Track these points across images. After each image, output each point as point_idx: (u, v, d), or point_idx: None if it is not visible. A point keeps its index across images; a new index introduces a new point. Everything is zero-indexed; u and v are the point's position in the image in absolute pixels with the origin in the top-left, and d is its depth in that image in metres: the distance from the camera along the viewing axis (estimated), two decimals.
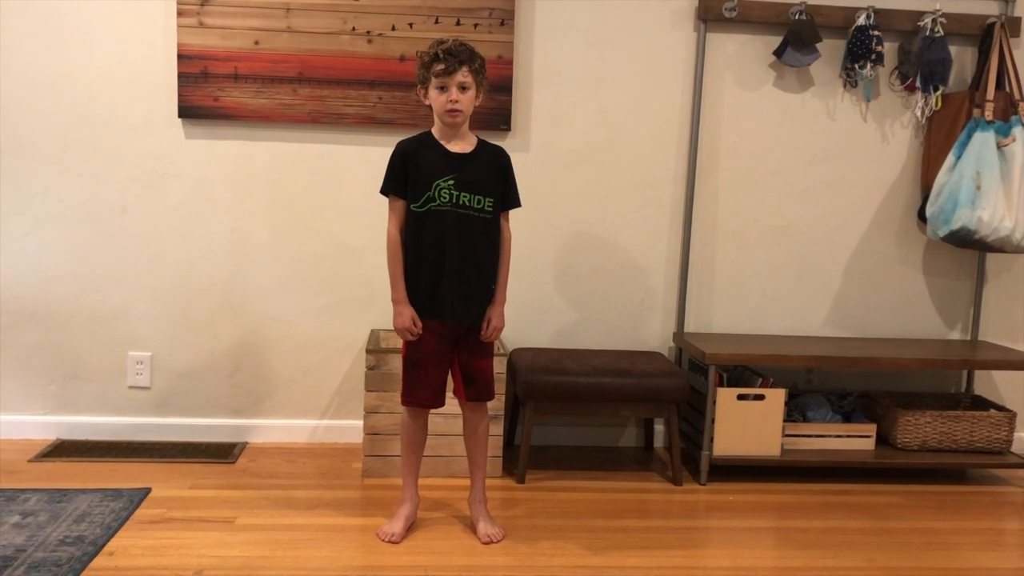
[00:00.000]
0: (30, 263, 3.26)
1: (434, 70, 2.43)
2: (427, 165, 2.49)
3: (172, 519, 2.65)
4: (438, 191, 2.48)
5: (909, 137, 3.48)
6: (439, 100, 2.45)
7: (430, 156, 2.50)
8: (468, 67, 2.44)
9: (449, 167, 2.49)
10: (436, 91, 2.45)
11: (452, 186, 2.48)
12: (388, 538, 2.56)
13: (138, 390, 3.35)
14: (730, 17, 3.28)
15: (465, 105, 2.46)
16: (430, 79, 2.45)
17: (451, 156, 2.51)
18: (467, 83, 2.45)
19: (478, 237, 2.54)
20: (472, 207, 2.51)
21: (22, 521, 2.55)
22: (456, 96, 2.43)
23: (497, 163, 2.58)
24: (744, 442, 3.13)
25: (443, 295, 2.52)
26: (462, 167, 2.51)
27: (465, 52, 2.44)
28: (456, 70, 2.42)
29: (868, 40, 3.27)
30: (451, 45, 2.44)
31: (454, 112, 2.45)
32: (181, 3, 3.15)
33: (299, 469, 3.14)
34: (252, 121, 3.24)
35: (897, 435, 3.26)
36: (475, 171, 2.52)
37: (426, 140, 2.54)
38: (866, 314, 3.55)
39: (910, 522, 2.89)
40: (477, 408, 2.65)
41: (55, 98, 3.20)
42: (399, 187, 2.52)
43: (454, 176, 2.49)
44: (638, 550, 2.58)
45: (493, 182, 2.55)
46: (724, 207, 3.46)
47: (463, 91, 2.45)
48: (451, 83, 2.43)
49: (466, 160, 2.52)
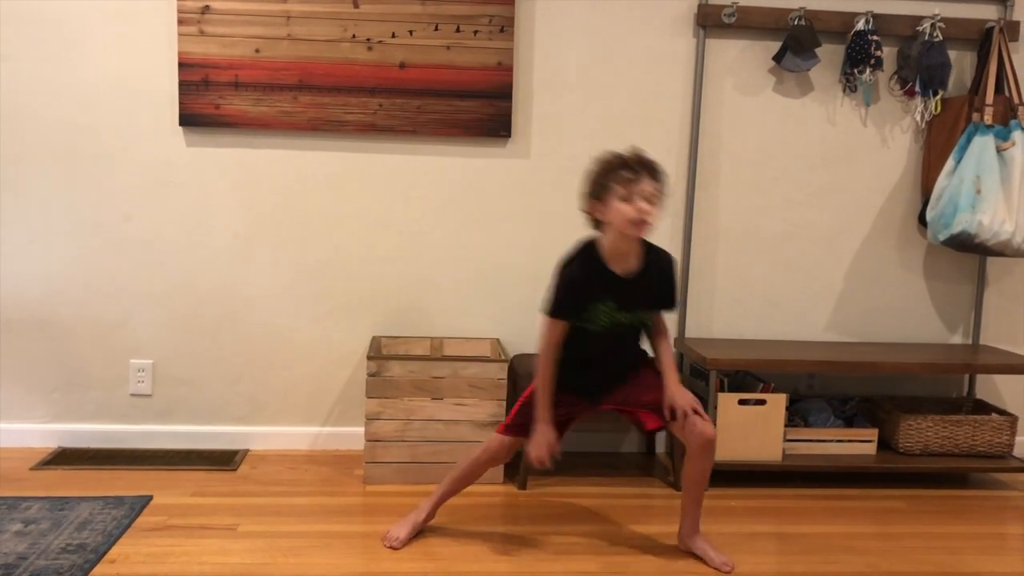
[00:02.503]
0: (33, 271, 3.27)
1: (618, 177, 2.29)
2: (593, 289, 2.39)
3: (174, 526, 2.65)
4: (596, 314, 2.40)
5: (909, 141, 3.48)
6: (624, 211, 2.28)
7: (597, 280, 2.39)
8: (654, 177, 2.31)
9: (611, 291, 2.39)
10: (619, 201, 2.29)
11: (612, 309, 2.40)
12: (391, 542, 2.56)
13: (140, 398, 3.36)
14: (729, 23, 3.29)
15: (654, 216, 2.31)
16: (612, 187, 2.29)
17: (616, 280, 2.39)
18: (653, 193, 2.30)
19: (631, 344, 2.52)
20: (629, 324, 2.45)
21: (24, 529, 2.56)
22: (646, 206, 2.28)
23: (661, 276, 2.47)
24: (745, 447, 3.13)
25: (589, 383, 2.51)
26: (625, 290, 2.40)
27: (651, 161, 2.32)
28: (645, 178, 2.29)
29: (867, 45, 3.28)
30: (637, 153, 2.32)
31: (640, 224, 2.30)
32: (182, 12, 3.16)
33: (301, 476, 3.15)
34: (253, 129, 3.25)
35: (899, 440, 3.26)
36: (638, 292, 2.42)
37: (594, 263, 2.40)
38: (867, 319, 3.55)
39: (912, 527, 2.88)
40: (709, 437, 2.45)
41: (57, 107, 3.21)
42: (566, 315, 2.41)
43: (615, 300, 2.40)
44: (640, 555, 2.58)
45: (654, 295, 2.47)
46: (725, 212, 3.46)
47: (650, 202, 2.30)
48: (637, 192, 2.28)
49: (631, 283, 2.41)
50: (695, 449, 2.48)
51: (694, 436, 2.46)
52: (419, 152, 3.34)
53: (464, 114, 3.28)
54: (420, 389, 3.06)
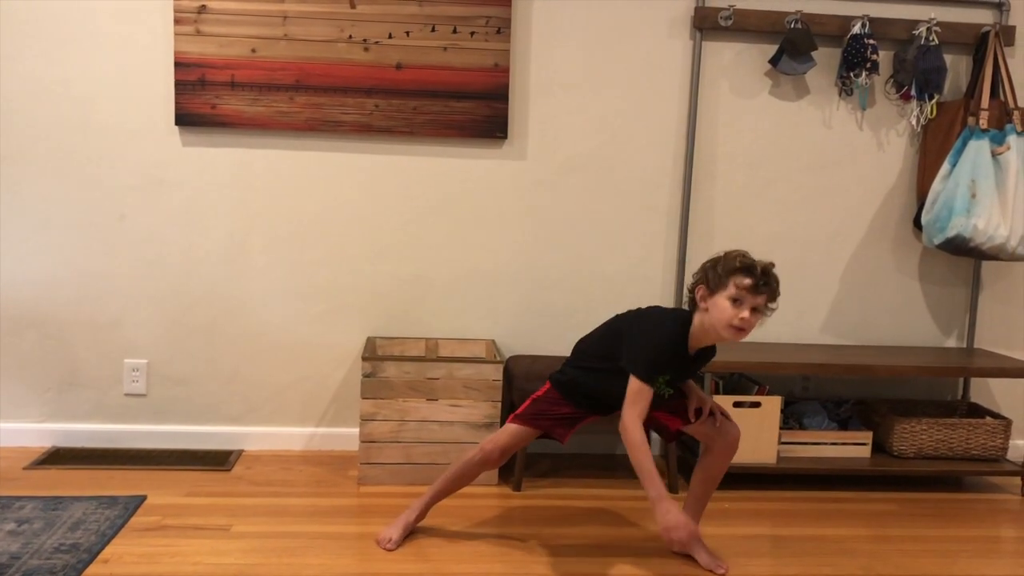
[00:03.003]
0: (27, 270, 3.26)
1: (740, 282, 2.26)
2: (669, 364, 2.39)
3: (168, 526, 2.64)
4: (657, 385, 2.38)
5: (904, 145, 3.49)
6: (729, 312, 2.27)
7: (675, 357, 2.39)
8: (770, 296, 2.29)
9: (676, 366, 2.40)
10: (728, 301, 2.27)
11: (663, 382, 2.39)
12: (384, 543, 2.56)
13: (134, 397, 3.35)
14: (726, 26, 3.30)
15: (751, 327, 2.30)
16: (727, 284, 2.27)
17: (684, 357, 2.41)
18: (761, 308, 2.29)
19: None
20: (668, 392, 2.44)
21: (17, 529, 2.55)
22: (748, 315, 2.27)
23: (707, 358, 2.49)
24: (740, 450, 3.10)
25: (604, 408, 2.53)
26: (685, 367, 2.44)
27: (775, 280, 2.30)
28: (763, 293, 2.27)
29: (863, 49, 3.28)
30: (767, 266, 2.29)
31: (739, 331, 2.29)
32: (178, 11, 3.16)
33: (295, 477, 3.14)
34: (249, 129, 3.25)
35: (893, 443, 3.26)
36: (689, 371, 2.48)
37: (682, 340, 2.39)
38: (862, 322, 3.56)
39: (906, 530, 2.89)
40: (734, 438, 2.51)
41: (53, 105, 3.20)
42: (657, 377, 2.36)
43: (672, 375, 2.40)
44: (634, 557, 2.58)
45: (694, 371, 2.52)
46: (720, 214, 3.47)
47: (755, 314, 2.29)
48: (750, 302, 2.27)
49: (691, 360, 2.44)
50: (721, 449, 2.54)
51: (723, 436, 2.52)
52: (415, 153, 3.34)
53: (460, 115, 3.28)
54: (415, 390, 3.05)
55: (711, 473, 2.59)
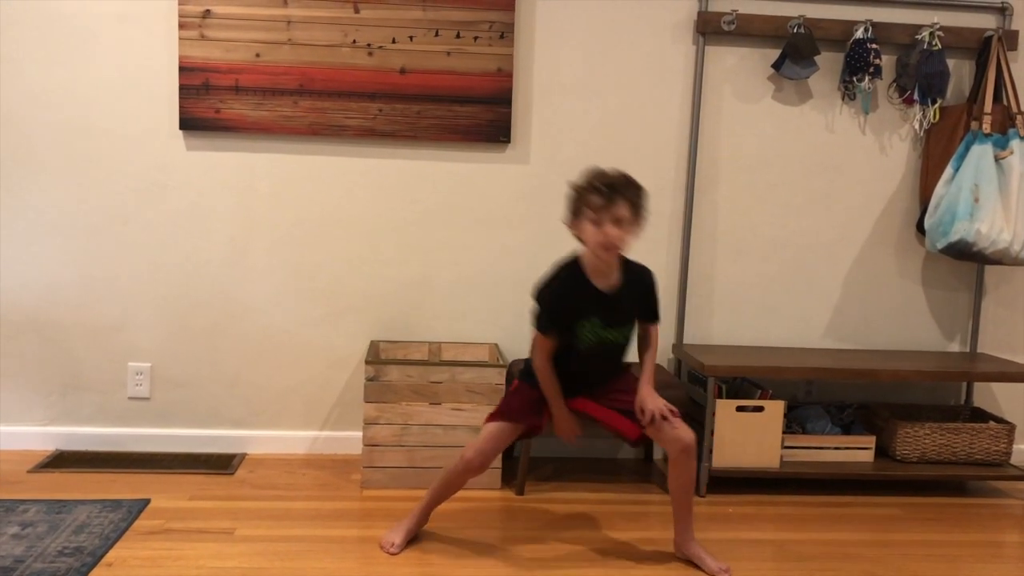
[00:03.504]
0: (31, 273, 3.27)
1: (591, 203, 2.32)
2: (580, 306, 2.42)
3: (171, 530, 2.65)
4: (583, 332, 2.43)
5: (907, 149, 3.49)
6: (594, 234, 2.33)
7: (582, 295, 2.43)
8: (628, 199, 2.33)
9: (596, 307, 2.43)
10: (590, 224, 2.34)
11: (598, 325, 2.43)
12: (388, 548, 2.56)
13: (138, 401, 3.36)
14: (729, 30, 3.30)
15: (623, 241, 2.35)
16: (584, 210, 2.34)
17: (599, 295, 2.43)
18: (626, 218, 2.33)
19: (616, 359, 2.55)
20: (616, 340, 2.48)
21: (21, 532, 2.55)
22: (613, 232, 2.32)
23: (642, 289, 2.52)
24: (743, 454, 3.13)
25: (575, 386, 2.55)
26: (609, 305, 2.44)
27: (625, 183, 2.34)
28: (615, 203, 2.31)
29: (866, 53, 3.29)
30: (610, 176, 2.34)
31: (608, 248, 2.34)
32: (183, 16, 3.17)
33: (298, 480, 3.14)
34: (253, 133, 3.26)
35: (896, 447, 3.26)
36: (622, 307, 2.47)
37: (576, 277, 2.44)
38: (865, 326, 3.56)
39: (909, 534, 2.88)
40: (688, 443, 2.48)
41: (57, 109, 3.21)
42: (561, 328, 2.43)
43: (600, 317, 2.43)
44: (638, 561, 2.57)
45: (636, 310, 2.52)
46: (723, 218, 3.47)
47: (619, 225, 2.33)
48: (608, 217, 2.31)
49: (613, 298, 2.45)
50: (673, 455, 2.51)
51: (670, 442, 2.50)
52: (419, 157, 3.35)
53: (464, 119, 3.29)
54: (418, 394, 3.06)
55: (678, 483, 2.55)
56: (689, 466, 2.52)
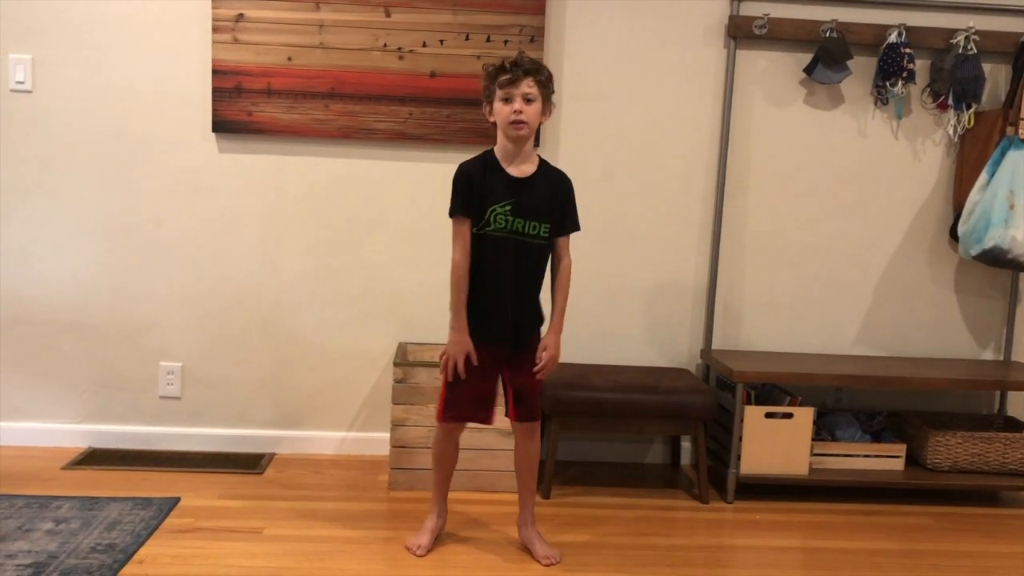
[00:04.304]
0: (66, 274, 3.32)
1: (499, 81, 2.38)
2: (486, 190, 2.44)
3: (201, 529, 2.68)
4: (493, 216, 2.44)
5: (941, 155, 3.45)
6: (503, 112, 2.39)
7: (490, 180, 2.45)
8: (534, 78, 2.38)
9: (507, 192, 2.44)
10: (500, 103, 2.39)
11: (508, 212, 2.44)
12: (415, 550, 2.57)
13: (169, 400, 3.40)
14: (760, 34, 3.28)
15: (530, 117, 2.39)
16: (495, 91, 2.40)
17: (510, 180, 2.45)
18: (532, 95, 2.38)
19: (534, 263, 2.52)
20: (528, 233, 2.47)
21: (55, 528, 2.59)
22: (520, 107, 2.37)
23: (557, 188, 2.51)
24: (772, 460, 3.11)
25: (495, 320, 2.51)
26: (520, 192, 2.45)
27: (531, 63, 2.41)
28: (521, 80, 2.37)
29: (900, 58, 3.26)
30: (517, 56, 2.41)
31: (518, 124, 2.38)
32: (216, 19, 3.20)
33: (326, 481, 3.17)
34: (284, 136, 3.29)
35: (927, 456, 3.22)
36: (533, 196, 2.46)
37: (488, 161, 2.48)
38: (897, 333, 3.52)
39: (940, 544, 2.85)
40: (525, 430, 2.59)
41: (92, 112, 3.26)
42: (467, 208, 2.45)
43: (511, 202, 2.44)
44: (663, 568, 2.57)
45: (551, 207, 2.49)
46: (753, 224, 3.45)
47: (528, 103, 2.38)
48: (516, 94, 2.37)
49: (525, 184, 2.46)
50: (519, 432, 2.60)
51: (521, 425, 2.58)
52: (448, 160, 3.32)
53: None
54: None
55: (519, 459, 2.64)
56: (530, 447, 2.60)
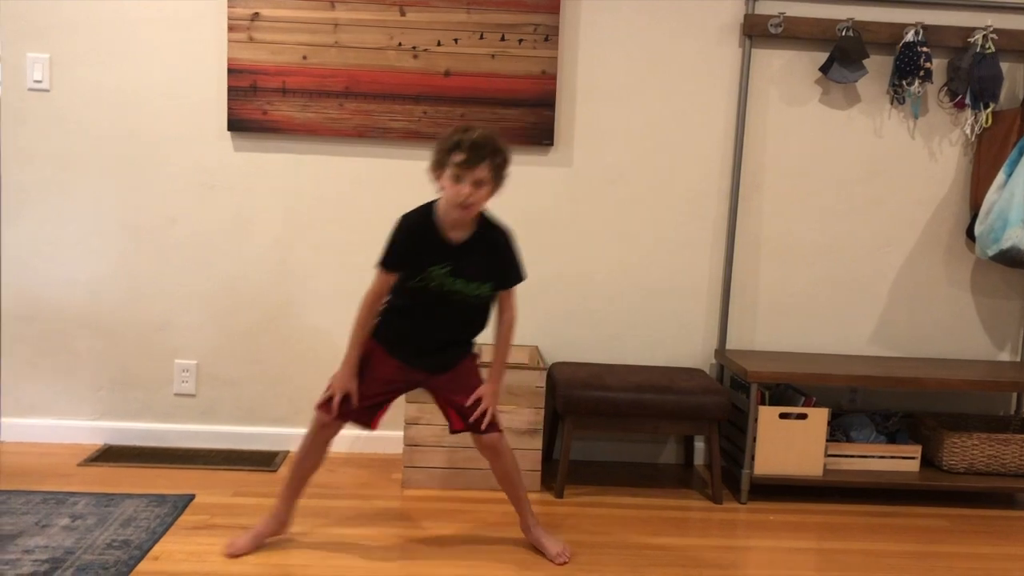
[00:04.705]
0: (82, 271, 3.34)
1: (454, 159, 2.32)
2: (425, 250, 2.42)
3: (215, 525, 2.69)
4: (432, 275, 2.43)
5: (958, 155, 3.43)
6: (453, 189, 2.33)
7: (429, 240, 2.43)
8: (490, 163, 2.34)
9: (446, 255, 2.42)
10: (451, 180, 2.34)
11: (447, 273, 2.43)
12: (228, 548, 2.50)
13: (184, 397, 3.41)
14: (776, 33, 3.27)
15: (479, 201, 2.36)
16: (447, 164, 2.34)
17: (449, 244, 2.43)
18: (485, 179, 2.34)
19: (471, 314, 2.51)
20: (467, 293, 2.45)
21: (71, 524, 2.61)
22: (470, 191, 2.33)
23: (495, 248, 2.47)
24: (786, 461, 3.10)
25: (417, 352, 2.52)
26: (459, 255, 2.43)
27: (489, 147, 2.34)
28: (477, 165, 2.31)
29: (916, 57, 3.24)
30: (477, 137, 2.32)
31: (466, 207, 2.35)
32: (232, 18, 3.21)
33: (339, 479, 3.17)
34: (299, 135, 3.29)
35: (943, 457, 3.21)
36: (472, 259, 2.43)
37: (429, 220, 2.44)
38: (912, 333, 3.50)
39: (956, 546, 2.83)
40: (487, 446, 2.56)
41: (108, 111, 3.28)
42: (398, 265, 2.45)
43: (450, 265, 2.42)
44: (676, 568, 2.56)
45: (489, 268, 2.46)
46: (768, 223, 3.44)
47: (479, 187, 2.34)
48: (469, 178, 2.32)
49: (463, 249, 2.43)
50: (482, 450, 2.59)
51: (482, 442, 2.57)
52: None
53: (507, 122, 3.29)
54: None
55: (498, 475, 2.63)
56: (499, 460, 2.58)
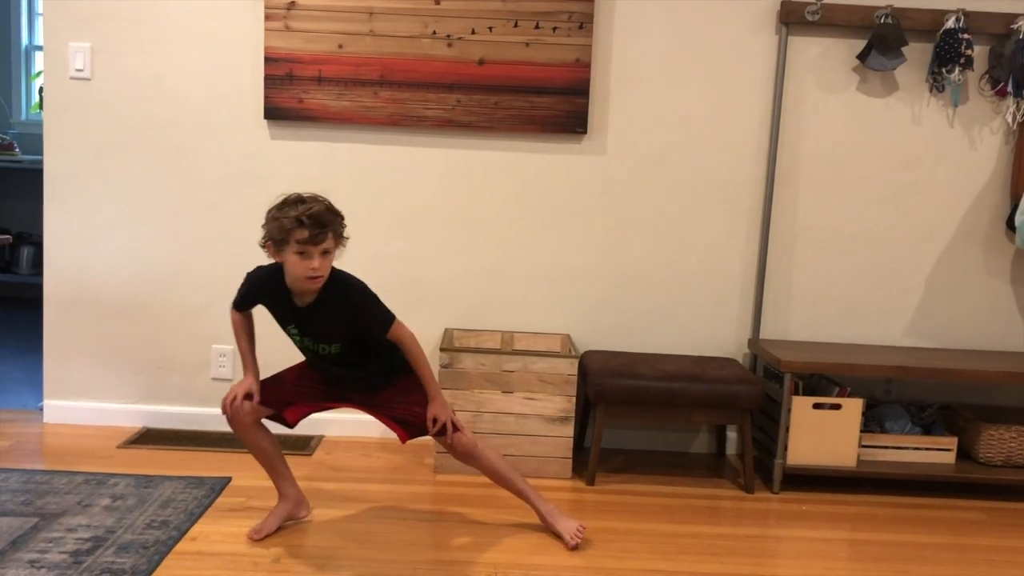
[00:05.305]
0: (122, 258, 3.40)
1: (297, 237, 2.28)
2: (276, 310, 2.47)
3: (251, 508, 2.73)
4: (288, 331, 2.48)
5: (999, 144, 3.38)
6: (299, 266, 2.30)
7: (277, 303, 2.45)
8: (332, 231, 2.33)
9: (293, 317, 2.44)
10: (295, 256, 2.30)
11: (297, 334, 2.47)
12: (251, 535, 2.52)
13: (221, 382, 3.46)
14: (813, 20, 3.24)
15: (326, 269, 2.35)
16: (288, 242, 2.30)
17: (295, 308, 2.42)
18: (330, 247, 2.34)
19: (348, 364, 2.52)
20: (328, 352, 2.48)
21: (112, 504, 2.67)
22: (318, 263, 2.31)
23: (347, 307, 2.42)
24: (819, 452, 3.08)
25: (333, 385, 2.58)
26: (305, 318, 2.43)
27: (328, 215, 2.33)
28: (324, 239, 2.30)
29: (957, 44, 3.19)
30: (316, 210, 2.30)
31: (315, 279, 2.33)
32: (269, 7, 3.24)
33: (373, 463, 3.21)
34: (334, 123, 3.32)
35: (979, 449, 3.17)
36: (320, 321, 2.43)
37: (278, 284, 2.41)
38: (950, 324, 3.46)
39: (991, 539, 2.80)
40: (457, 451, 2.58)
41: (148, 99, 3.33)
42: (246, 308, 2.53)
43: (297, 326, 2.45)
44: (708, 556, 2.56)
45: (343, 327, 2.45)
46: (804, 212, 3.41)
47: (325, 255, 2.33)
48: (315, 251, 2.30)
49: (309, 312, 2.42)
50: (461, 459, 2.62)
51: (452, 448, 2.59)
52: (495, 148, 3.37)
53: (541, 110, 3.30)
54: (491, 382, 3.09)
55: (490, 476, 2.64)
56: (480, 462, 2.60)
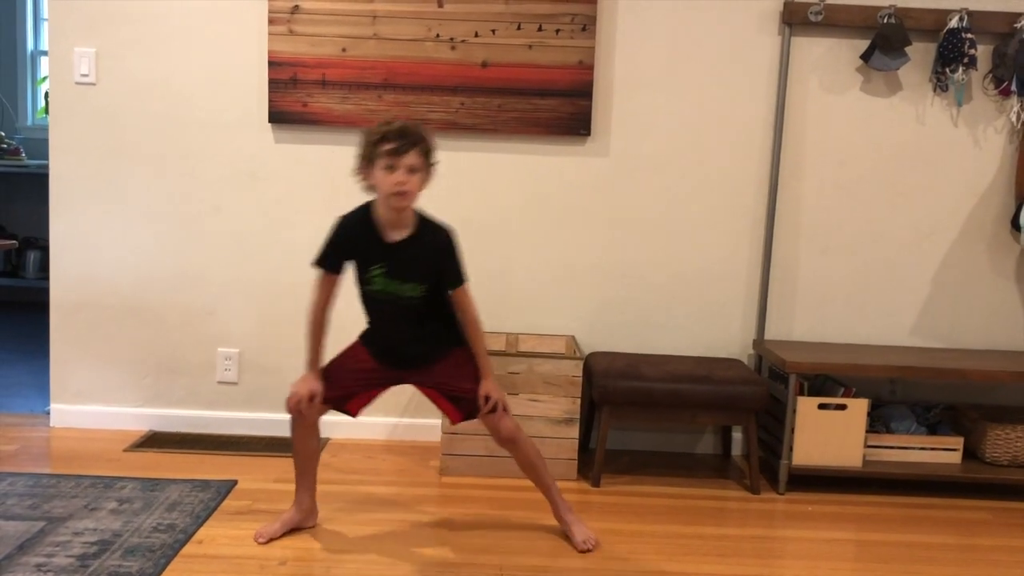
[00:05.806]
0: (128, 260, 3.41)
1: (382, 149, 2.32)
2: (362, 249, 2.45)
3: (257, 511, 2.74)
4: (370, 277, 2.46)
5: (1003, 143, 3.37)
6: (386, 181, 2.33)
7: (366, 239, 2.44)
8: (419, 149, 2.35)
9: (382, 255, 2.43)
10: (383, 171, 2.34)
11: (384, 274, 2.43)
12: (256, 538, 2.53)
13: (226, 385, 3.48)
14: (816, 21, 3.24)
15: (414, 188, 2.36)
16: (377, 158, 2.34)
17: (383, 245, 2.42)
18: (417, 165, 2.35)
19: (420, 315, 2.50)
20: (403, 295, 2.45)
21: (119, 507, 2.68)
22: (405, 178, 2.33)
23: (435, 248, 2.45)
24: (824, 452, 3.08)
25: (388, 351, 2.56)
26: (395, 255, 2.42)
27: (416, 133, 2.36)
28: (407, 151, 2.33)
29: (960, 43, 3.19)
30: (403, 125, 2.36)
31: (401, 195, 2.34)
32: (272, 11, 3.25)
33: (378, 466, 3.22)
34: (338, 126, 3.33)
35: (986, 449, 3.17)
36: (408, 259, 2.43)
37: (367, 219, 2.44)
38: (954, 324, 3.46)
39: (998, 540, 2.80)
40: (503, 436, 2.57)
41: (153, 102, 3.34)
42: (332, 264, 2.49)
43: (385, 264, 2.43)
44: (714, 557, 2.56)
45: (426, 269, 2.44)
46: (807, 212, 3.41)
47: (412, 173, 2.34)
48: (400, 164, 2.32)
49: (399, 248, 2.42)
50: (502, 443, 2.60)
51: (497, 433, 2.58)
52: (499, 150, 3.38)
53: (544, 113, 3.30)
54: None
55: (520, 463, 2.64)
56: (519, 449, 2.60)
